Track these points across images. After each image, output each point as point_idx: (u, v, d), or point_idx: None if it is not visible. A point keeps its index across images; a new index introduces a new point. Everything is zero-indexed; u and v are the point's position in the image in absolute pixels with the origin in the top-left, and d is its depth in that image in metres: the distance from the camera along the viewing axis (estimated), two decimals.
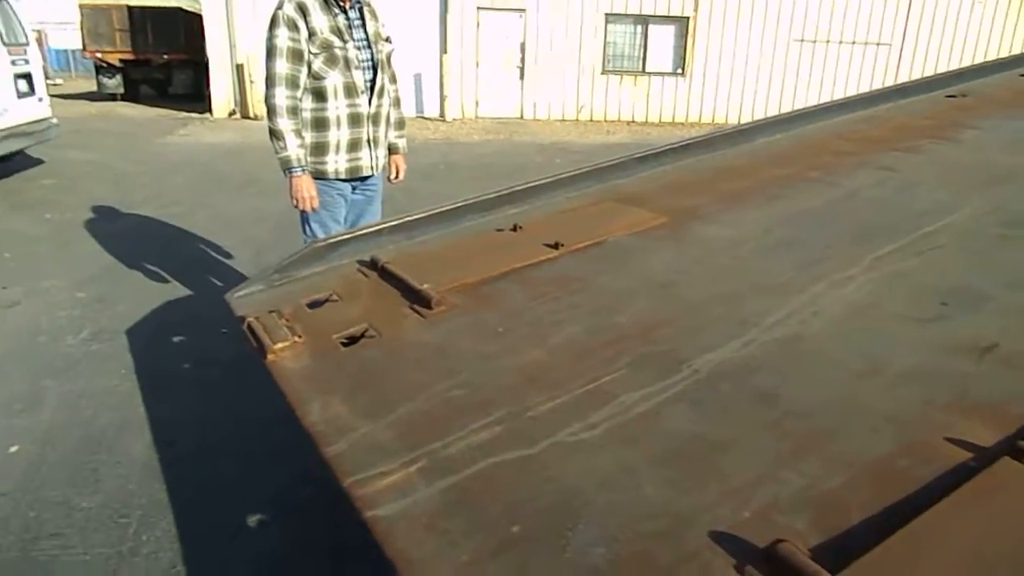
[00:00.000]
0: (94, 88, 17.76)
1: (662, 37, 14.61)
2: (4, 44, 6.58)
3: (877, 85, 14.07)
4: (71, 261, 4.43)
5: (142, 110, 14.67)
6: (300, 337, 1.72)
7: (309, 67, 2.53)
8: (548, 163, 8.89)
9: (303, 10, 2.49)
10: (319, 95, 2.58)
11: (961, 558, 0.91)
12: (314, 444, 1.33)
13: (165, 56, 17.25)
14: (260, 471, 2.21)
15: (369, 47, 2.66)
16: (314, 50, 2.50)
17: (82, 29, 16.77)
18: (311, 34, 2.50)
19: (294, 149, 2.50)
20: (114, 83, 17.16)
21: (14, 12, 7.04)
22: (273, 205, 6.09)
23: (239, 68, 13.34)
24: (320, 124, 2.59)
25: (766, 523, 1.01)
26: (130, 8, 16.91)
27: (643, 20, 14.39)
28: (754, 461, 1.14)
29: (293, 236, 4.95)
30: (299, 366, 1.63)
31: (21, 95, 6.82)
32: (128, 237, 4.95)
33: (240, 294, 2.04)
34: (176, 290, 3.90)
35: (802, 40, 14.60)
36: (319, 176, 2.68)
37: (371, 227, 2.24)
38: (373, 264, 2.07)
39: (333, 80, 2.55)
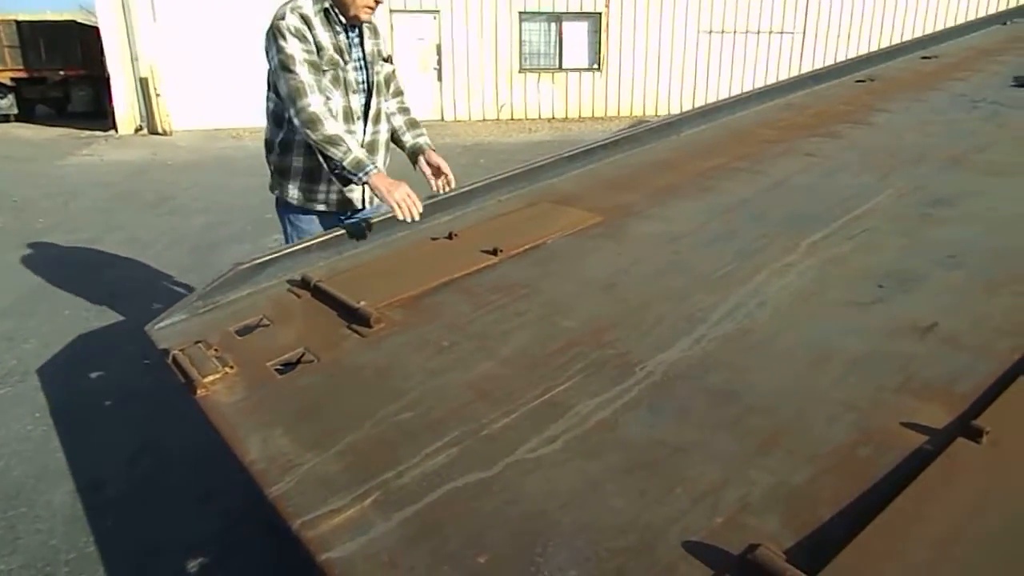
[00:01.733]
0: None
1: (576, 33, 14.75)
2: None
3: (784, 72, 14.62)
4: None
5: (39, 130, 13.84)
6: (231, 368, 1.62)
7: None
8: (472, 164, 8.83)
9: (306, 22, 2.21)
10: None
11: (932, 545, 0.91)
12: (256, 485, 1.24)
13: (61, 72, 16.31)
14: (197, 509, 2.07)
15: (365, 68, 2.39)
16: (323, 67, 2.24)
17: None
18: (318, 49, 2.23)
19: (358, 149, 2.18)
20: (6, 103, 16.12)
21: None
22: (188, 224, 5.83)
23: (143, 81, 12.75)
24: (311, 148, 2.30)
25: (739, 527, 0.99)
26: (19, 23, 15.93)
27: (556, 17, 14.49)
28: (719, 463, 1.12)
29: (212, 257, 4.77)
30: (233, 399, 1.52)
31: None
32: (34, 268, 4.62)
33: (161, 325, 1.91)
34: (91, 322, 3.65)
35: (711, 32, 15.02)
36: (306, 210, 2.42)
37: (298, 245, 2.13)
38: (304, 283, 1.98)
39: (336, 103, 2.29)
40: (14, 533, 2.04)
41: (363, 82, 2.40)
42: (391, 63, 2.56)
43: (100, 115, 14.95)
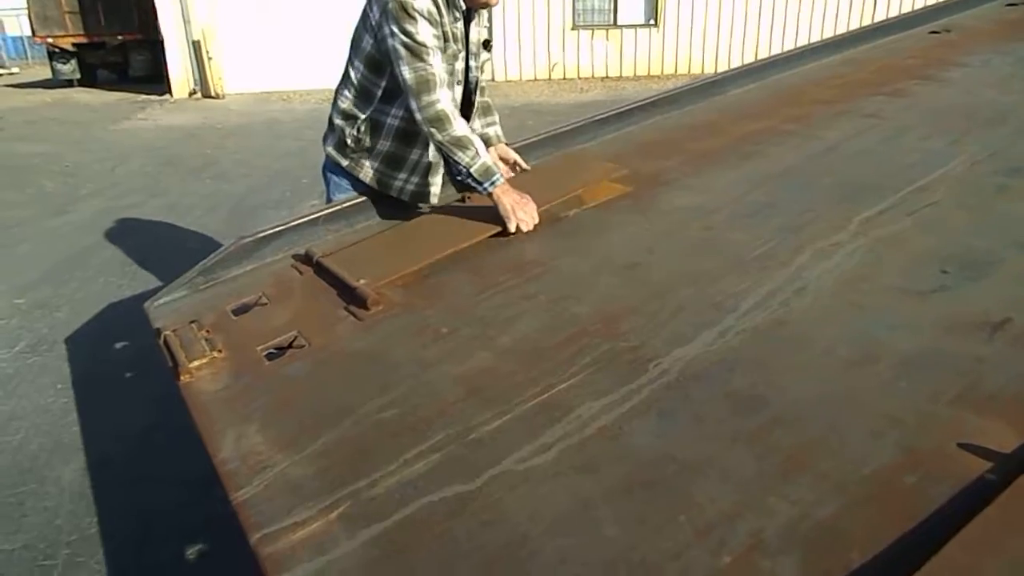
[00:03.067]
0: (50, 75, 17.13)
1: None
2: None
3: (855, 23, 13.77)
4: (12, 264, 4.17)
5: (100, 95, 14.15)
6: (220, 352, 1.52)
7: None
8: (520, 126, 8.59)
9: (437, 6, 1.93)
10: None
11: None
12: (223, 490, 1.14)
13: (120, 37, 16.57)
14: (202, 493, 2.01)
15: (467, 59, 2.12)
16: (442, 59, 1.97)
17: (30, 14, 16.07)
18: (444, 38, 1.98)
19: (486, 154, 1.92)
20: (69, 68, 16.53)
21: None
22: (228, 189, 5.83)
23: (196, 44, 12.84)
24: (407, 138, 2.10)
25: (748, 569, 0.84)
26: None
27: None
28: (734, 486, 0.96)
29: (248, 223, 4.73)
30: (216, 387, 1.42)
31: None
32: (74, 234, 4.68)
33: (160, 302, 1.82)
34: (122, 290, 3.66)
35: None
36: (379, 189, 2.18)
37: (305, 216, 2.02)
38: (307, 259, 1.86)
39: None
40: (21, 510, 2.03)
41: (465, 72, 2.15)
42: (489, 50, 2.27)
43: (158, 79, 15.18)
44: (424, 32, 1.90)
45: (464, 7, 2.00)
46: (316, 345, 1.49)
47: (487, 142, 2.22)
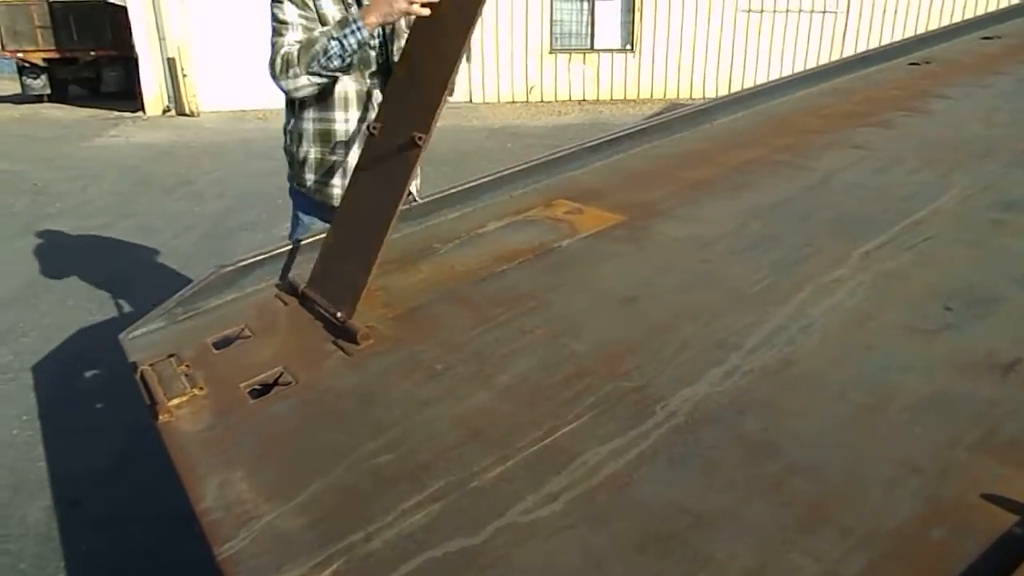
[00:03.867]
0: (19, 90, 16.82)
1: (609, 12, 14.36)
2: None
3: (825, 54, 14.09)
4: None
5: (71, 111, 13.91)
6: (201, 389, 1.45)
7: None
8: (499, 148, 8.62)
9: None
10: (325, 103, 2.11)
11: None
12: (205, 542, 1.06)
13: (92, 53, 16.38)
14: (178, 532, 1.92)
15: (385, 44, 2.12)
16: None
17: None
18: (322, 22, 2.02)
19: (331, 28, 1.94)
20: (39, 84, 16.27)
21: None
22: (202, 210, 5.73)
23: (171, 62, 12.70)
24: (325, 138, 2.12)
25: None
26: (51, 4, 16.00)
27: None
28: (753, 540, 0.91)
29: (223, 246, 4.63)
30: (197, 428, 1.35)
31: None
32: (43, 255, 4.53)
33: (136, 333, 1.74)
34: (92, 315, 3.54)
35: (749, 11, 14.50)
36: (324, 201, 2.20)
37: (289, 245, 1.95)
38: (292, 289, 1.79)
39: (344, 87, 2.09)
40: None
41: (384, 62, 2.14)
42: None
43: (131, 96, 14.98)
44: (287, 11, 2.00)
45: None
46: (304, 382, 1.43)
47: None
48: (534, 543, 0.96)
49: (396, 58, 2.13)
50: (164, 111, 13.02)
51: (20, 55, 15.96)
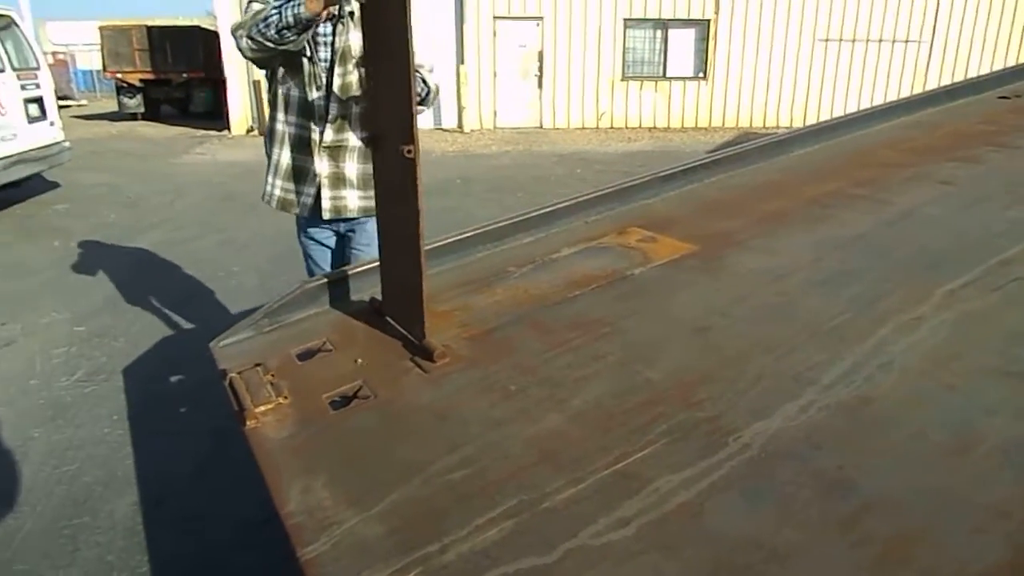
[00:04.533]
0: (116, 108, 17.91)
1: (683, 41, 14.34)
2: (14, 69, 6.52)
3: (907, 84, 13.68)
4: (74, 293, 4.30)
5: (162, 129, 14.71)
6: (286, 398, 1.52)
7: (273, 71, 2.19)
8: (568, 174, 8.67)
9: None
10: (274, 102, 2.23)
11: None
12: (289, 544, 1.12)
13: (184, 75, 17.33)
14: (253, 536, 2.00)
15: (332, 66, 2.22)
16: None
17: (103, 50, 16.92)
18: None
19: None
20: (134, 103, 17.29)
21: (25, 38, 6.99)
22: (283, 226, 5.94)
23: (256, 84, 13.31)
24: (271, 138, 2.26)
25: None
26: (149, 28, 17.05)
27: (662, 24, 14.13)
28: None
29: (299, 260, 4.78)
30: (282, 435, 1.42)
31: (32, 119, 6.76)
32: (134, 265, 4.82)
33: (226, 343, 1.84)
34: (180, 322, 3.74)
35: (827, 40, 14.25)
36: (284, 208, 2.35)
37: (369, 263, 2.03)
38: (371, 306, 1.86)
39: (287, 89, 2.19)
40: (74, 544, 2.04)
41: (325, 81, 2.24)
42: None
43: (217, 116, 15.76)
44: (260, 4, 2.04)
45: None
46: (382, 397, 1.48)
47: None
48: (605, 566, 0.98)
49: (343, 79, 2.23)
50: (248, 131, 13.64)
51: (119, 75, 17.01)
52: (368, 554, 1.06)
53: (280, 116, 2.21)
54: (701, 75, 14.41)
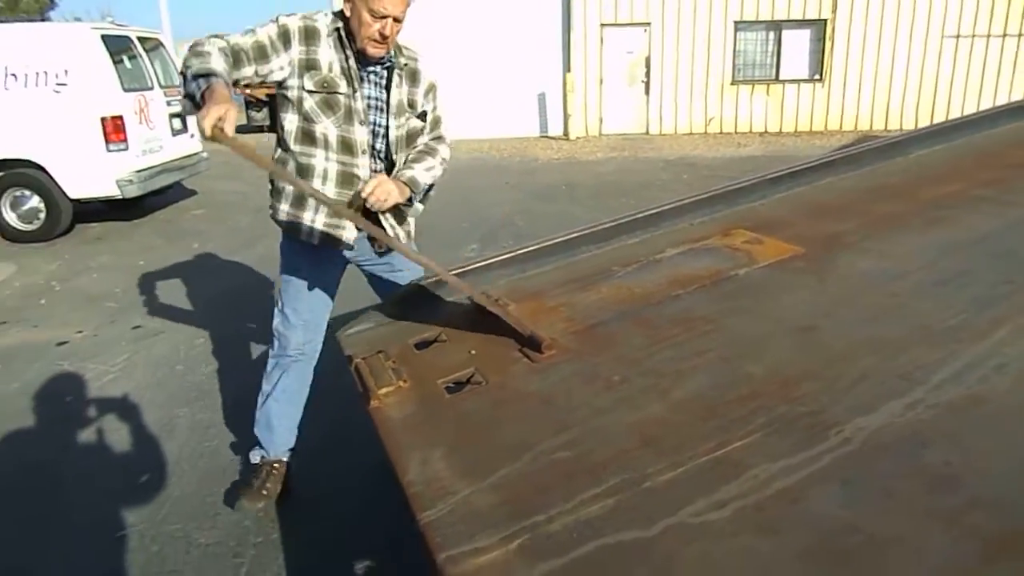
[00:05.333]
0: (245, 121, 19.20)
1: (797, 42, 13.84)
2: (161, 87, 7.18)
3: None
4: (212, 290, 4.70)
5: None
6: (405, 382, 1.65)
7: (300, 105, 2.07)
8: (674, 179, 8.59)
9: (308, 35, 2.03)
10: (309, 138, 2.10)
11: None
12: (410, 508, 1.24)
13: None
14: (372, 514, 2.17)
15: (385, 112, 2.16)
16: (311, 86, 2.05)
17: None
18: (310, 67, 2.04)
19: (218, 63, 1.83)
20: (261, 116, 18.45)
21: (170, 57, 7.68)
22: None
23: None
24: (305, 172, 2.12)
25: None
26: None
27: (776, 26, 13.70)
28: (930, 566, 0.92)
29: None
30: (402, 415, 1.55)
31: (175, 132, 7.41)
32: (260, 262, 5.22)
33: (351, 332, 2.00)
34: None
35: (957, 36, 13.36)
36: (291, 232, 2.21)
37: (482, 260, 2.15)
38: (482, 300, 1.98)
39: (325, 128, 2.08)
40: (215, 510, 2.27)
41: (374, 123, 2.16)
42: (429, 120, 2.29)
43: None
44: (262, 29, 1.98)
45: (353, 47, 2.04)
46: (493, 383, 1.59)
47: (399, 176, 2.17)
48: (703, 543, 1.03)
49: (395, 132, 2.17)
50: None
51: (248, 91, 18.22)
52: (480, 521, 1.16)
53: (319, 152, 2.11)
54: (816, 77, 13.85)
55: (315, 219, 2.17)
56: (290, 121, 2.11)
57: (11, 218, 6.57)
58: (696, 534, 1.05)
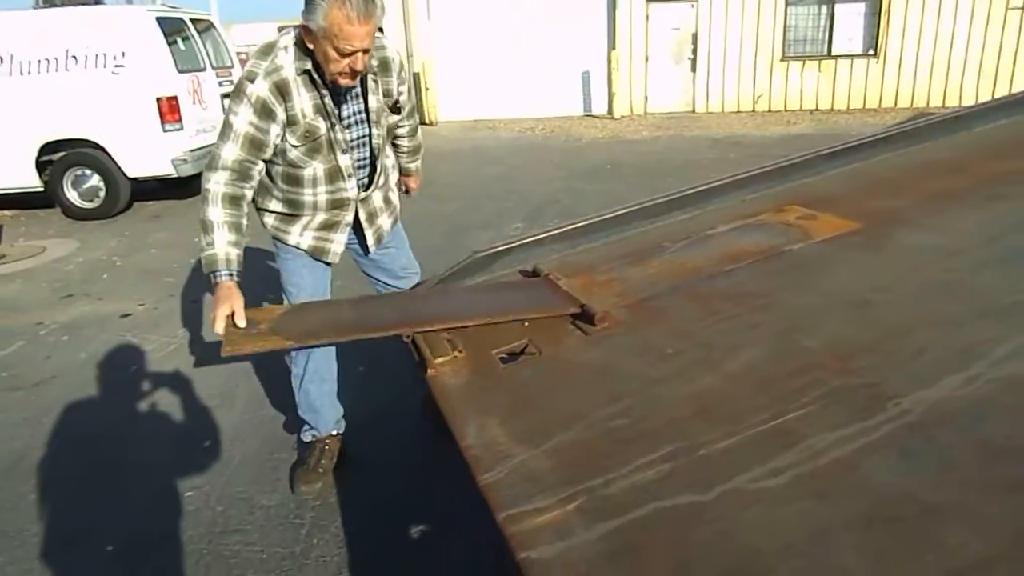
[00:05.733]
0: None
1: (850, 16, 13.41)
2: (213, 68, 7.33)
3: None
4: (264, 267, 4.82)
5: None
6: (461, 352, 1.69)
7: (284, 155, 2.03)
8: (721, 158, 8.45)
9: (282, 92, 1.92)
10: (295, 180, 2.09)
11: None
12: (469, 470, 1.28)
13: None
14: (418, 486, 2.24)
15: (368, 123, 2.11)
16: (294, 141, 1.99)
17: None
18: (291, 123, 1.96)
19: (223, 247, 1.89)
20: None
21: (221, 39, 7.83)
22: (444, 209, 6.31)
23: (416, 76, 14.00)
24: (293, 205, 2.14)
25: None
26: None
27: (829, 0, 13.31)
28: (988, 535, 0.93)
29: (461, 241, 5.13)
30: (458, 383, 1.59)
31: None
32: None
33: None
34: (363, 289, 4.15)
35: (1023, 7, 12.77)
36: (279, 237, 2.24)
37: (533, 236, 2.18)
38: (535, 275, 2.01)
39: (313, 169, 2.06)
40: (276, 475, 2.36)
41: (362, 137, 2.13)
42: (404, 107, 2.24)
43: None
44: (240, 118, 1.90)
45: (326, 82, 1.94)
46: (547, 354, 1.62)
47: (407, 172, 2.55)
48: (760, 508, 1.05)
49: (378, 140, 2.15)
50: None
51: None
52: (538, 483, 1.20)
53: (307, 190, 2.11)
54: (871, 52, 13.40)
55: (301, 239, 2.19)
56: (275, 166, 2.08)
57: (73, 196, 6.81)
58: (752, 499, 1.07)
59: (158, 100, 6.44)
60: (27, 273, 5.14)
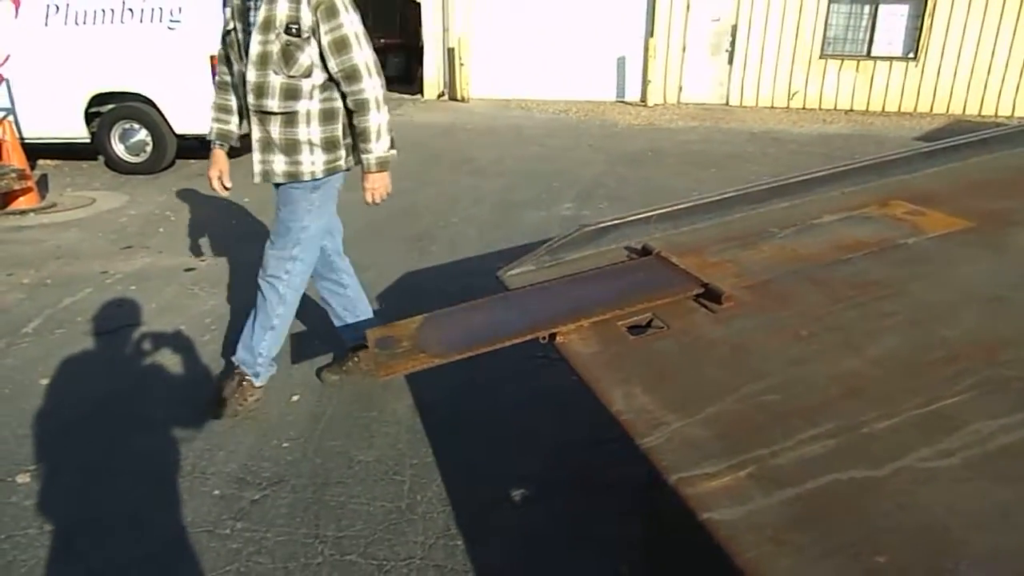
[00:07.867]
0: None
1: (893, 17, 13.26)
2: None
3: None
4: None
5: None
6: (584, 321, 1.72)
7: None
8: (760, 153, 8.42)
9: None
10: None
11: None
12: (627, 434, 1.32)
13: (382, 40, 18.39)
14: (518, 448, 2.28)
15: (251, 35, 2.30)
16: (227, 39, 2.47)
17: None
18: (224, 24, 2.50)
19: (216, 120, 2.62)
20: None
21: None
22: (488, 185, 6.33)
23: (450, 52, 13.93)
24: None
25: None
26: None
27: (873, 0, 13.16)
28: None
29: (512, 217, 5.16)
30: (589, 351, 1.62)
31: None
32: (371, 211, 5.34)
33: (512, 272, 2.09)
34: (414, 261, 4.18)
35: None
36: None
37: (638, 214, 2.20)
38: (645, 252, 2.03)
39: (236, 71, 2.46)
40: (369, 431, 2.41)
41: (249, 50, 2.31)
42: (326, 44, 2.33)
43: (407, 80, 16.66)
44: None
45: None
46: (675, 328, 1.65)
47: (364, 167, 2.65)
48: (936, 486, 1.09)
49: (264, 48, 2.30)
50: (439, 96, 14.34)
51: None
52: (700, 451, 1.23)
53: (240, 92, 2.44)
54: (911, 55, 13.26)
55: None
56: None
57: (119, 150, 6.85)
58: (927, 477, 1.10)
59: (211, 58, 6.44)
60: (81, 223, 5.19)
